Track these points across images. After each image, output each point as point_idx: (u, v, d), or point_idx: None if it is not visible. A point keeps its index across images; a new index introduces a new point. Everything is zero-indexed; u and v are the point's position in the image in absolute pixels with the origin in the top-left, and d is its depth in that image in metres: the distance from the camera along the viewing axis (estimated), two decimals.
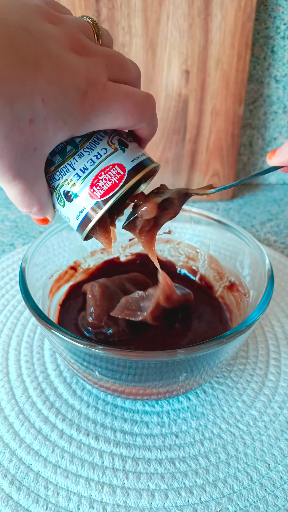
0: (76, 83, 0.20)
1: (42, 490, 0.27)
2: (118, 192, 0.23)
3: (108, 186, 0.23)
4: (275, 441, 0.30)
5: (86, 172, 0.23)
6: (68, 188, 0.24)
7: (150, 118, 0.24)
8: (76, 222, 0.25)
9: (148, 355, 0.25)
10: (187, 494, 0.27)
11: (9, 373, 0.34)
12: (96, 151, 0.24)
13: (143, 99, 0.23)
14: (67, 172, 0.23)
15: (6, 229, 0.55)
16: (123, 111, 0.22)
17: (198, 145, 0.58)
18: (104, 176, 0.23)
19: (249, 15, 0.50)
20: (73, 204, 0.24)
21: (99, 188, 0.23)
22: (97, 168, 0.23)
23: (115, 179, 0.23)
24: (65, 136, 0.21)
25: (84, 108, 0.21)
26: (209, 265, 0.40)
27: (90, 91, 0.21)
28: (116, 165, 0.24)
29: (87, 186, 0.23)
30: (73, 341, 0.25)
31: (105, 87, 0.21)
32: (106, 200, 0.23)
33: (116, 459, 0.29)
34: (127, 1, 0.49)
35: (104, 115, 0.22)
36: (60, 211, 0.25)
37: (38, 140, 0.20)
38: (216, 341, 0.25)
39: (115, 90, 0.22)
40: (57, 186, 0.24)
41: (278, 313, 0.41)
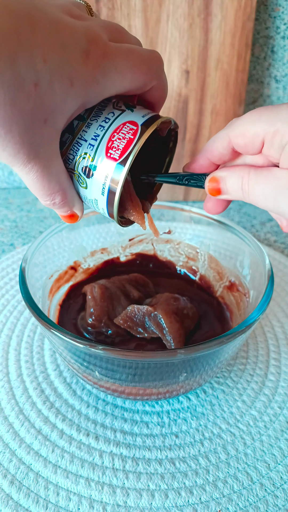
0: (76, 40, 0.19)
1: (42, 490, 0.27)
2: (135, 146, 0.22)
3: (124, 144, 0.22)
4: (275, 441, 0.30)
5: (98, 138, 0.22)
6: (85, 162, 0.22)
7: (159, 74, 0.23)
8: (103, 199, 0.23)
9: (148, 355, 0.25)
10: (187, 494, 0.27)
11: (9, 373, 0.34)
12: (104, 116, 0.22)
13: (148, 53, 0.22)
14: (80, 146, 0.22)
15: (6, 229, 0.55)
16: (129, 66, 0.21)
17: (198, 145, 0.58)
18: (117, 136, 0.22)
19: (249, 15, 0.50)
20: (94, 180, 0.23)
21: (115, 149, 0.22)
22: (108, 131, 0.22)
23: (129, 135, 0.22)
24: (75, 103, 0.20)
25: (88, 67, 0.20)
26: (209, 265, 0.40)
27: (92, 49, 0.20)
28: (127, 123, 0.22)
29: (103, 152, 0.22)
30: (73, 341, 0.25)
31: (106, 44, 0.20)
32: (125, 158, 0.22)
33: (116, 459, 0.29)
34: (127, 1, 0.49)
35: (111, 74, 0.21)
36: (86, 196, 0.24)
37: (46, 107, 0.19)
38: (216, 341, 0.25)
39: (117, 47, 0.21)
40: (75, 166, 0.23)
41: (278, 313, 0.41)
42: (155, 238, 0.43)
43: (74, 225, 0.38)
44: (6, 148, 0.19)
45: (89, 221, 0.40)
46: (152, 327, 0.33)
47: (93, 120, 0.23)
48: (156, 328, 0.33)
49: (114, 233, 0.42)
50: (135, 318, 0.33)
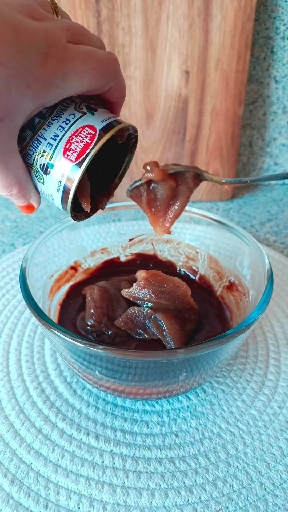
0: (35, 44, 0.20)
1: (43, 490, 0.27)
2: (91, 151, 0.23)
3: (81, 147, 0.23)
4: (274, 441, 0.30)
5: (57, 139, 0.23)
6: (43, 160, 0.24)
7: (116, 75, 0.24)
8: (58, 196, 0.24)
9: (148, 354, 0.25)
10: (187, 493, 0.27)
11: (10, 373, 0.34)
12: (65, 117, 0.23)
13: (106, 56, 0.23)
14: (39, 144, 0.23)
15: (6, 229, 0.55)
16: (88, 69, 0.22)
17: (198, 145, 0.58)
18: (75, 139, 0.23)
19: (249, 16, 0.50)
20: (51, 177, 0.24)
21: (72, 151, 0.23)
22: (68, 132, 0.23)
23: (87, 140, 0.23)
24: (32, 103, 0.21)
25: (47, 70, 0.20)
26: (209, 265, 0.41)
27: (51, 52, 0.20)
28: (86, 127, 0.23)
29: (61, 152, 0.23)
30: (73, 340, 0.25)
31: (66, 48, 0.21)
32: (82, 161, 0.23)
33: (116, 458, 0.29)
34: (127, 2, 0.49)
35: (69, 77, 0.21)
36: (43, 191, 0.25)
37: (3, 107, 0.19)
38: (216, 341, 0.25)
39: (77, 50, 0.21)
40: (33, 162, 0.24)
41: (277, 313, 0.41)
42: (155, 238, 0.43)
43: (74, 225, 0.38)
44: None
45: (89, 222, 0.40)
46: (152, 329, 0.33)
47: (54, 119, 0.23)
48: (156, 330, 0.33)
49: (114, 233, 0.42)
50: (136, 320, 0.33)
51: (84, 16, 0.49)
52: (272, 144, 0.66)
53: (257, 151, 0.66)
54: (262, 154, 0.67)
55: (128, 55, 0.52)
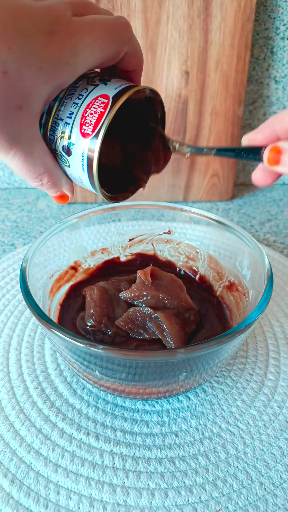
0: (37, 24, 0.19)
1: (43, 489, 0.27)
2: (106, 120, 0.22)
3: (96, 118, 0.22)
4: (274, 440, 0.30)
5: (72, 116, 0.22)
6: (64, 141, 0.23)
7: (128, 39, 0.23)
8: (85, 175, 0.23)
9: (148, 354, 0.25)
10: (187, 493, 0.27)
11: (10, 373, 0.34)
12: (77, 94, 0.23)
13: (114, 21, 0.22)
14: (58, 126, 0.23)
15: (6, 229, 0.55)
16: (96, 39, 0.21)
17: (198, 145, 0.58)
18: (89, 112, 0.22)
19: (249, 16, 0.50)
20: (74, 157, 0.23)
21: (88, 125, 0.22)
22: (82, 107, 0.22)
23: (100, 109, 0.22)
24: (47, 86, 0.20)
25: (54, 49, 0.19)
26: (209, 265, 0.41)
27: (56, 29, 0.20)
28: (99, 97, 0.22)
29: (77, 128, 0.22)
30: (73, 340, 0.25)
31: (70, 22, 0.20)
32: (98, 132, 0.22)
33: (116, 458, 0.29)
34: (127, 2, 0.49)
35: (80, 51, 0.20)
36: (72, 175, 0.24)
37: (19, 94, 0.19)
38: (216, 341, 0.25)
39: (82, 22, 0.21)
40: (56, 146, 0.23)
41: (277, 313, 0.41)
42: (155, 238, 0.43)
43: (75, 225, 0.39)
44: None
45: (89, 222, 0.40)
46: (152, 329, 0.33)
47: (67, 98, 0.23)
48: (157, 329, 0.33)
49: (114, 233, 0.42)
50: (136, 320, 0.33)
51: None
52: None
53: None
54: None
55: None
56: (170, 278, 0.36)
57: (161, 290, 0.35)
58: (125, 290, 0.36)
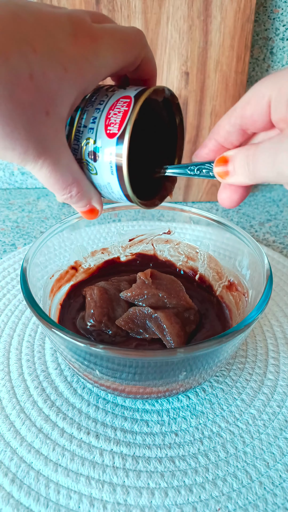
0: (61, 26, 0.20)
1: (43, 489, 0.27)
2: (132, 115, 0.22)
3: (121, 117, 0.22)
4: (274, 440, 0.30)
5: (96, 121, 0.22)
6: (90, 147, 0.23)
7: (145, 44, 0.23)
8: (114, 179, 0.23)
9: (148, 354, 0.25)
10: (186, 493, 0.27)
11: (10, 372, 0.35)
12: (99, 101, 0.23)
13: (131, 29, 0.23)
14: (82, 134, 0.23)
15: (7, 229, 0.55)
16: (118, 42, 0.21)
17: (197, 146, 0.59)
18: (113, 113, 0.22)
19: (249, 17, 0.50)
20: (101, 161, 0.22)
21: (113, 124, 0.22)
22: (104, 111, 0.22)
23: (124, 108, 0.22)
24: (73, 89, 0.20)
25: (78, 50, 0.20)
26: (209, 265, 0.41)
27: (79, 31, 0.20)
28: (120, 98, 0.23)
29: (103, 131, 0.22)
30: (74, 340, 0.25)
31: (92, 26, 0.21)
32: (124, 129, 0.22)
33: (116, 458, 0.29)
34: (127, 3, 0.49)
35: (102, 53, 0.21)
36: (99, 184, 0.24)
37: (45, 97, 0.19)
38: (216, 340, 0.26)
39: (102, 27, 0.21)
40: (82, 155, 0.23)
41: (277, 313, 0.41)
42: (155, 238, 0.43)
43: (75, 226, 0.39)
44: (15, 147, 0.19)
45: (89, 222, 0.40)
46: (152, 328, 0.33)
47: (89, 106, 0.23)
48: (157, 329, 0.33)
49: (115, 233, 0.42)
50: (136, 320, 0.34)
51: None
52: None
53: None
54: None
55: None
56: (169, 279, 0.37)
57: (161, 289, 0.35)
58: (125, 290, 0.36)
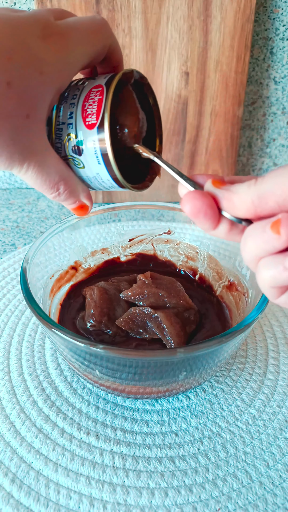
0: (30, 31, 0.20)
1: (43, 489, 0.27)
2: (106, 103, 0.22)
3: (96, 106, 0.23)
4: (274, 440, 0.30)
5: (73, 115, 0.23)
6: (72, 142, 0.23)
7: (110, 33, 0.24)
8: (102, 168, 0.23)
9: (148, 353, 0.25)
10: (186, 493, 0.27)
11: (10, 372, 0.35)
12: (71, 95, 0.23)
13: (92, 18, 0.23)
14: (62, 131, 0.23)
15: (7, 229, 0.55)
16: (84, 36, 0.22)
17: (197, 146, 0.59)
18: (88, 104, 0.23)
19: (249, 17, 0.50)
20: (86, 154, 0.23)
21: (90, 115, 0.23)
22: (79, 104, 0.23)
23: (98, 97, 0.23)
24: (50, 90, 0.21)
25: (50, 51, 0.20)
26: (209, 265, 0.41)
27: (47, 32, 0.21)
28: (92, 89, 0.23)
29: (81, 124, 0.23)
30: (74, 340, 0.25)
31: (57, 24, 0.21)
32: (102, 117, 0.22)
33: (116, 458, 0.29)
34: (127, 3, 0.49)
35: (72, 49, 0.21)
36: (88, 176, 0.24)
37: (25, 102, 0.19)
38: (216, 340, 0.26)
39: (66, 23, 0.22)
40: (66, 151, 0.23)
41: (277, 313, 0.41)
42: (155, 238, 0.43)
43: (75, 226, 0.39)
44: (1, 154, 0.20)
45: (89, 222, 0.40)
46: (153, 328, 0.33)
47: (63, 103, 0.23)
48: (157, 329, 0.33)
49: (115, 233, 0.42)
50: (136, 320, 0.34)
51: None
52: (271, 144, 0.66)
53: (256, 152, 0.66)
54: (261, 155, 0.67)
55: (128, 57, 0.52)
56: (169, 279, 0.37)
57: (161, 288, 0.35)
58: (125, 290, 0.36)
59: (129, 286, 0.37)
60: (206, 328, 0.36)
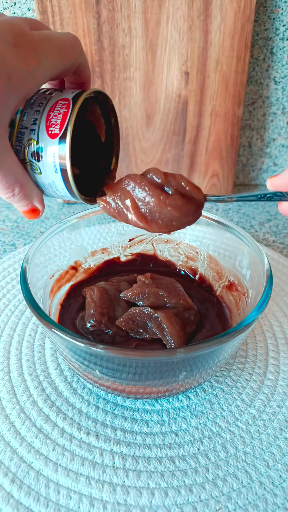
0: (3, 37, 0.20)
1: (43, 489, 0.27)
2: (71, 116, 0.23)
3: (61, 118, 0.23)
4: (274, 440, 0.30)
5: (37, 122, 0.24)
6: (32, 148, 0.24)
7: (81, 51, 0.25)
8: (58, 177, 0.24)
9: (148, 354, 0.25)
10: (186, 493, 0.27)
11: (10, 372, 0.35)
12: (38, 103, 0.24)
13: (66, 35, 0.24)
14: (23, 135, 0.24)
15: (7, 230, 0.55)
16: (56, 50, 0.23)
17: (197, 146, 0.59)
18: (53, 114, 0.24)
19: (249, 17, 0.50)
20: (45, 160, 0.24)
21: (54, 125, 0.23)
22: (44, 112, 0.24)
23: (64, 109, 0.24)
24: (16, 96, 0.21)
25: (20, 59, 0.21)
26: (209, 265, 0.41)
27: (19, 41, 0.21)
28: (59, 100, 0.24)
29: (44, 131, 0.23)
30: (74, 340, 0.25)
31: (31, 35, 0.22)
32: (65, 129, 0.23)
33: (116, 458, 0.29)
34: (127, 3, 0.49)
35: (42, 61, 0.22)
36: (44, 183, 0.25)
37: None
38: (215, 340, 0.26)
39: (40, 36, 0.22)
40: (25, 156, 0.24)
41: (277, 313, 0.41)
42: (155, 238, 0.43)
43: (75, 226, 0.39)
44: None
45: (89, 222, 0.40)
46: (153, 328, 0.33)
47: (28, 109, 0.24)
48: (157, 329, 0.33)
49: (115, 233, 0.42)
50: (136, 320, 0.34)
51: (84, 17, 0.50)
52: (271, 144, 0.66)
53: (256, 152, 0.66)
54: (261, 155, 0.67)
55: (128, 57, 0.52)
56: (169, 280, 0.37)
57: (161, 288, 0.35)
58: (125, 290, 0.36)
59: (129, 286, 0.37)
60: (206, 328, 0.36)
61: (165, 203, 0.25)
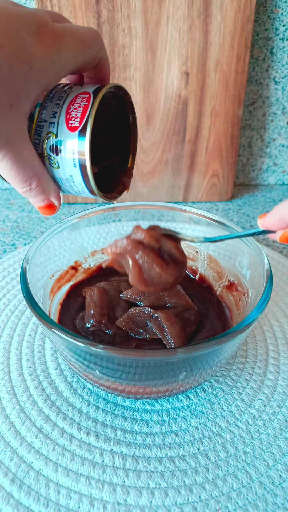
0: (26, 25, 0.20)
1: (43, 489, 0.27)
2: (91, 110, 0.23)
3: (81, 111, 0.23)
4: (274, 440, 0.30)
5: (56, 115, 0.23)
6: (51, 141, 0.23)
7: (102, 45, 0.24)
8: (77, 171, 0.24)
9: (148, 354, 0.25)
10: (186, 493, 0.27)
11: (10, 372, 0.35)
12: (57, 96, 0.24)
13: (89, 29, 0.24)
14: (42, 129, 0.23)
15: (7, 229, 0.55)
16: (78, 42, 0.22)
17: (197, 146, 0.59)
18: (73, 107, 0.23)
19: (249, 17, 0.50)
20: (63, 154, 0.23)
21: (74, 118, 0.23)
22: (64, 105, 0.23)
23: (84, 103, 0.23)
24: (37, 85, 0.21)
25: (42, 48, 0.21)
26: (209, 265, 0.41)
27: (42, 31, 0.21)
28: (79, 94, 0.24)
29: (64, 125, 0.23)
30: (74, 340, 0.25)
31: (54, 26, 0.22)
32: (86, 122, 0.23)
33: (116, 458, 0.29)
34: (127, 3, 0.49)
35: (64, 52, 0.22)
36: (61, 177, 0.24)
37: (10, 91, 0.20)
38: (215, 341, 0.26)
39: (63, 27, 0.22)
40: (43, 149, 0.24)
41: (277, 313, 0.41)
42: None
43: (75, 226, 0.39)
44: None
45: (89, 222, 0.40)
46: (153, 329, 0.33)
47: (47, 102, 0.24)
48: (157, 329, 0.33)
49: (115, 233, 0.42)
50: (136, 320, 0.34)
51: (84, 17, 0.50)
52: (271, 144, 0.66)
53: (256, 152, 0.66)
54: (261, 155, 0.67)
55: (128, 56, 0.52)
56: None
57: None
58: (125, 290, 0.36)
59: (129, 286, 0.37)
60: (206, 328, 0.36)
61: (166, 272, 0.27)
